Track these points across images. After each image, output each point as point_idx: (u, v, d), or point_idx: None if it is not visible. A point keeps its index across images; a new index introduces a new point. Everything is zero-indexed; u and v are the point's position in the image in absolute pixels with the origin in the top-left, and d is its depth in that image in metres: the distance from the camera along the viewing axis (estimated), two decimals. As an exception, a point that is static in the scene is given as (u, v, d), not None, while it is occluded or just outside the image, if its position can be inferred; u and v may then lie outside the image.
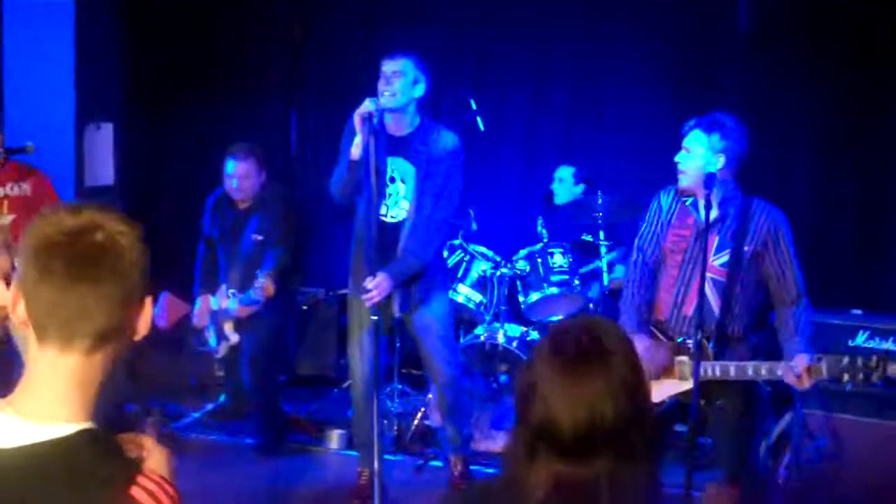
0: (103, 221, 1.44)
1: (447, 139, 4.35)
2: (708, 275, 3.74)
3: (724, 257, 3.77)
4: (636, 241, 4.05)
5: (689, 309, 3.78)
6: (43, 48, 5.50)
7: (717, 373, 3.66)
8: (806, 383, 3.55)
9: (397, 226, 4.37)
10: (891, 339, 4.90)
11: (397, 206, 4.37)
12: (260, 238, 5.29)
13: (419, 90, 4.30)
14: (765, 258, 3.76)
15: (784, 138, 6.20)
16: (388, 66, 4.26)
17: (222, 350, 5.42)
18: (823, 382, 4.78)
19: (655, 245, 3.95)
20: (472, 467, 4.90)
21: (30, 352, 1.47)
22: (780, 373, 3.59)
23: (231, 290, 5.28)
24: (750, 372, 3.64)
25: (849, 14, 5.93)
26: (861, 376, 3.52)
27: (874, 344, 4.90)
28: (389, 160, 4.34)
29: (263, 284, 4.99)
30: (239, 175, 5.28)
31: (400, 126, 4.35)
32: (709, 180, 3.67)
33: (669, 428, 3.96)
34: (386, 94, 4.22)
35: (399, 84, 4.23)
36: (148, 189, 6.68)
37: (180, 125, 6.82)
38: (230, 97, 6.91)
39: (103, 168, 5.50)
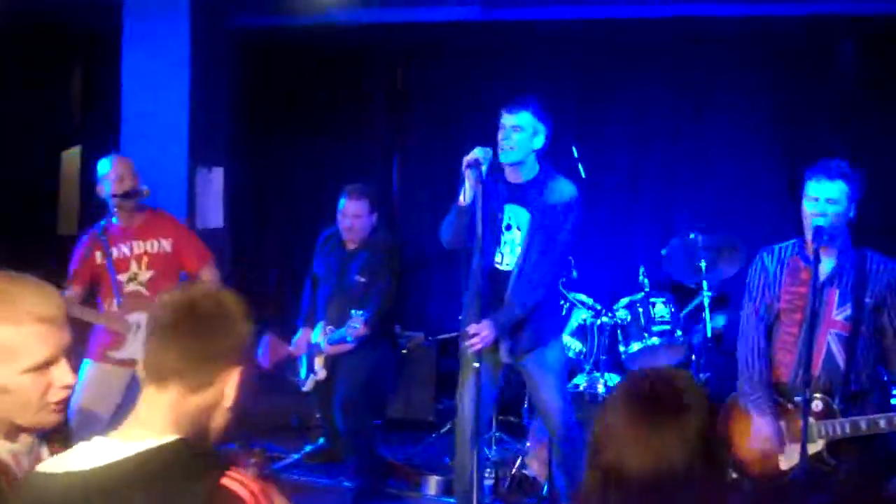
0: (214, 293, 1.80)
1: (565, 188, 4.31)
2: (831, 330, 3.67)
3: (847, 311, 3.67)
4: (746, 302, 3.91)
5: (817, 368, 3.66)
6: (159, 96, 5.71)
7: (848, 430, 3.58)
8: None
9: (510, 273, 4.33)
10: None
11: (513, 253, 4.33)
12: (363, 280, 5.34)
13: (538, 142, 4.27)
14: (884, 311, 3.66)
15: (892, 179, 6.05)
16: (508, 120, 4.23)
17: (309, 384, 5.46)
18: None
19: (767, 306, 3.83)
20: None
21: (142, 390, 1.78)
22: (886, 424, 3.51)
23: (329, 327, 5.33)
24: (883, 424, 3.54)
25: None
26: None
27: None
28: (507, 207, 4.32)
29: (357, 324, 5.03)
30: (350, 213, 5.34)
31: (518, 175, 4.33)
32: (817, 233, 3.60)
33: (803, 497, 3.76)
34: (505, 147, 4.22)
35: (517, 138, 4.21)
36: (254, 232, 6.85)
37: (285, 170, 7.00)
38: (333, 142, 7.07)
39: (213, 211, 5.65)
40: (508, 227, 4.35)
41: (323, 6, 6.46)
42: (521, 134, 4.21)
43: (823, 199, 3.62)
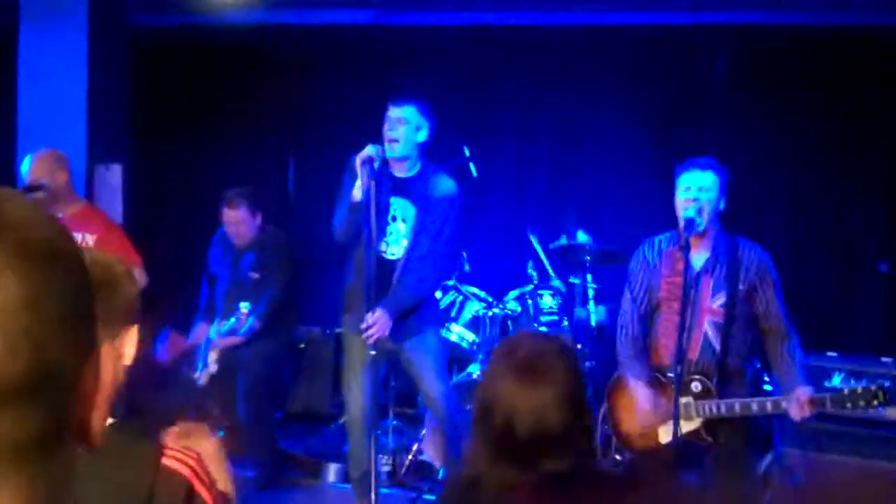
0: (100, 258, 1.72)
1: (446, 184, 4.55)
2: (708, 317, 3.92)
3: (721, 298, 3.92)
4: (626, 291, 4.17)
5: (695, 352, 3.93)
6: (56, 93, 5.71)
7: (724, 410, 3.84)
8: (807, 414, 3.72)
9: (395, 262, 4.54)
10: (864, 380, 5.11)
11: (397, 244, 4.55)
12: (256, 276, 5.49)
13: (422, 136, 4.47)
14: (755, 296, 3.94)
15: (762, 182, 6.49)
16: (394, 112, 4.42)
17: (203, 378, 5.55)
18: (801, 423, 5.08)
19: (647, 295, 4.09)
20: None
21: None
22: (784, 405, 3.76)
23: (222, 322, 5.43)
24: (755, 407, 3.82)
25: (820, 62, 6.28)
26: (863, 403, 3.69)
27: (849, 385, 5.12)
28: (392, 200, 4.53)
29: (243, 314, 5.17)
30: (231, 221, 5.49)
31: (404, 168, 4.54)
32: (689, 224, 3.85)
33: (676, 470, 4.05)
34: (389, 140, 4.41)
35: (403, 130, 4.40)
36: (152, 228, 6.88)
37: (183, 167, 7.06)
38: (230, 140, 7.15)
39: (111, 207, 5.67)
40: (394, 219, 4.55)
41: (222, 6, 6.54)
42: (405, 126, 4.41)
43: (696, 187, 3.87)
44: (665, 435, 3.94)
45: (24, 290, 0.69)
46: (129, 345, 1.72)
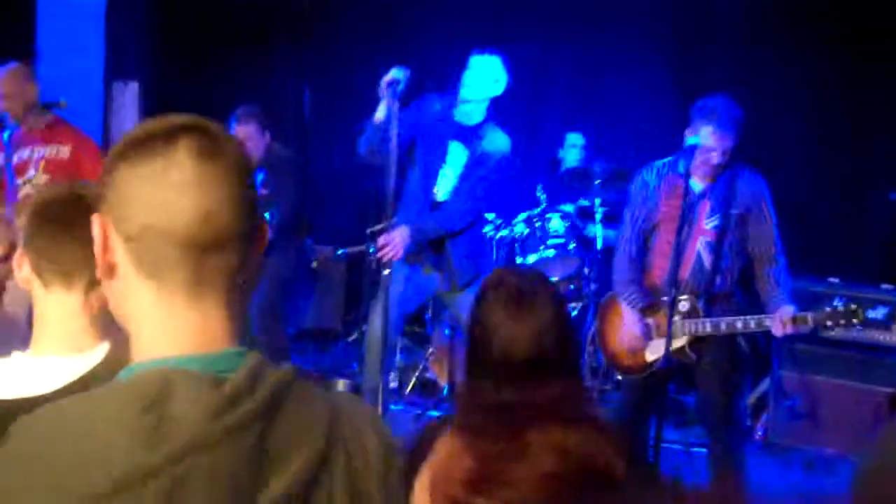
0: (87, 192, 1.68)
1: (501, 140, 4.61)
2: (700, 237, 4.02)
3: (715, 220, 4.01)
4: (626, 214, 4.25)
5: (686, 271, 4.01)
6: (75, 11, 5.79)
7: (709, 328, 3.94)
8: (789, 330, 3.82)
9: (441, 204, 4.62)
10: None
11: (447, 188, 4.61)
12: (265, 192, 5.59)
13: (499, 88, 4.54)
14: (749, 221, 4.01)
15: (777, 112, 6.48)
16: (477, 61, 4.50)
17: None
18: (800, 346, 5.18)
19: (646, 218, 4.15)
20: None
21: (37, 301, 1.69)
22: (768, 323, 3.85)
23: None
24: (739, 325, 3.91)
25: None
26: (843, 321, 3.80)
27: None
28: (451, 144, 4.58)
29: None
30: (240, 138, 5.56)
31: (468, 115, 4.58)
32: (689, 151, 3.94)
33: (663, 386, 4.17)
34: (468, 84, 4.48)
35: (483, 78, 4.48)
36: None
37: (200, 88, 7.09)
38: (247, 62, 7.18)
39: (127, 124, 5.79)
40: (446, 164, 4.61)
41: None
42: (487, 76, 4.49)
43: (720, 150, 3.92)
44: (650, 354, 4.06)
45: (241, 179, 1.14)
46: None
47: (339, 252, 6.62)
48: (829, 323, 3.83)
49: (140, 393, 1.04)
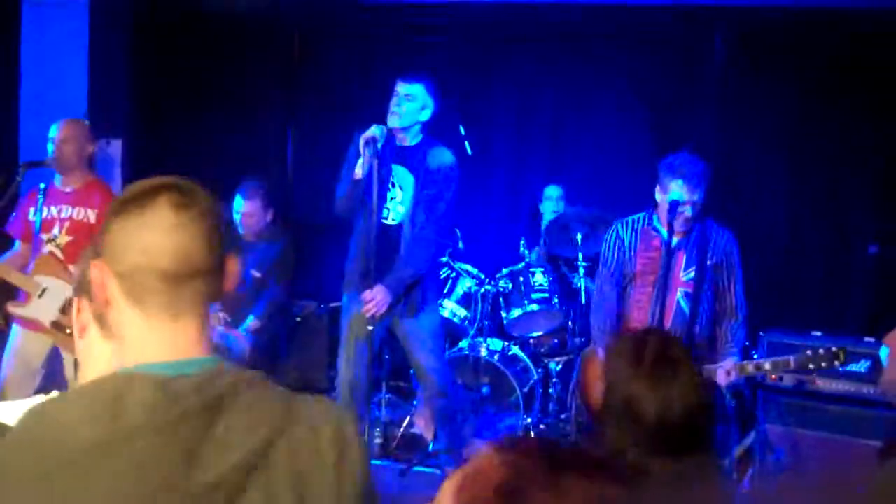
0: None
1: (444, 156, 4.69)
2: (679, 289, 4.16)
3: (691, 273, 4.16)
4: (601, 269, 4.40)
5: (668, 321, 4.13)
6: (58, 68, 5.81)
7: None
8: (733, 378, 4.03)
9: (394, 228, 4.67)
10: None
11: (395, 210, 4.67)
12: (258, 275, 5.55)
13: (425, 115, 4.63)
14: (720, 272, 4.19)
15: (756, 165, 6.57)
16: (402, 88, 4.58)
17: None
18: (785, 399, 5.20)
19: (621, 270, 4.30)
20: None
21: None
22: (713, 373, 4.03)
23: (222, 314, 5.40)
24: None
25: (814, 45, 6.33)
26: (824, 363, 3.97)
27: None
28: (393, 167, 4.66)
29: (253, 327, 5.35)
30: (245, 212, 5.54)
31: (405, 138, 4.67)
32: (672, 208, 4.04)
33: None
34: (395, 112, 4.56)
35: (407, 106, 4.56)
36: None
37: (183, 142, 7.12)
38: (230, 116, 7.21)
39: (111, 183, 5.75)
40: (393, 185, 4.68)
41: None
42: (411, 103, 4.57)
43: (688, 199, 4.06)
44: None
45: (210, 223, 1.41)
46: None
47: (322, 307, 6.60)
48: (811, 366, 3.93)
49: (110, 388, 1.32)
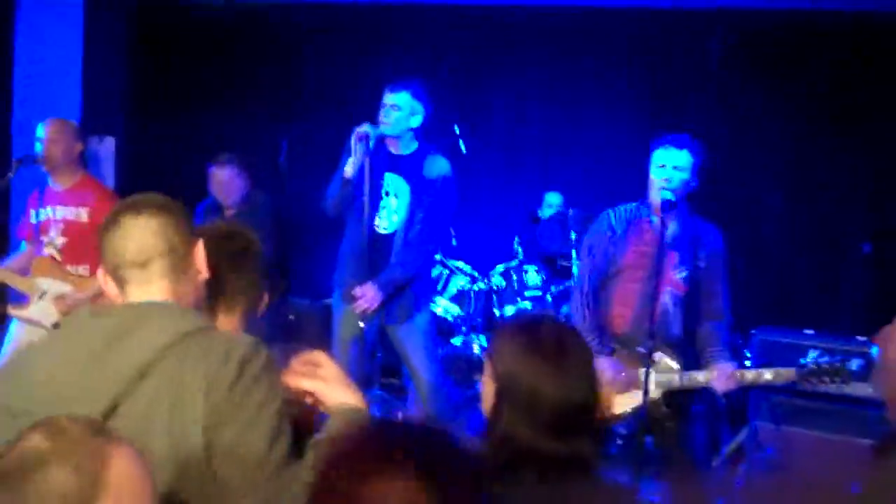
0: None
1: (441, 165, 4.62)
2: (667, 288, 3.96)
3: (683, 272, 3.97)
4: (585, 257, 4.14)
5: (656, 318, 3.90)
6: (52, 66, 5.81)
7: (681, 382, 3.90)
8: (732, 386, 3.85)
9: (387, 237, 4.63)
10: (839, 357, 5.20)
11: (388, 218, 4.62)
12: None
13: (415, 121, 4.56)
14: (707, 273, 4.00)
15: (751, 164, 6.57)
16: (388, 99, 4.52)
17: None
18: (775, 398, 5.19)
19: (609, 262, 4.05)
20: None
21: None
22: (704, 378, 3.88)
23: None
24: (685, 380, 3.89)
25: (808, 46, 6.34)
26: (827, 378, 3.81)
27: (824, 361, 5.21)
28: (387, 175, 4.61)
29: None
30: (218, 181, 5.56)
31: (398, 147, 4.62)
32: (665, 204, 3.88)
33: (636, 438, 4.01)
34: (383, 122, 4.52)
35: (395, 116, 4.50)
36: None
37: (176, 141, 7.13)
38: (224, 115, 7.22)
39: (105, 180, 5.78)
40: (387, 194, 4.63)
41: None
42: (398, 112, 4.51)
43: (670, 166, 3.87)
44: (619, 406, 3.99)
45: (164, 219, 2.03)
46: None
47: (317, 304, 6.59)
48: (813, 380, 3.82)
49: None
